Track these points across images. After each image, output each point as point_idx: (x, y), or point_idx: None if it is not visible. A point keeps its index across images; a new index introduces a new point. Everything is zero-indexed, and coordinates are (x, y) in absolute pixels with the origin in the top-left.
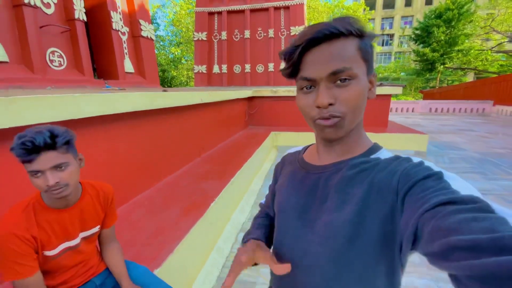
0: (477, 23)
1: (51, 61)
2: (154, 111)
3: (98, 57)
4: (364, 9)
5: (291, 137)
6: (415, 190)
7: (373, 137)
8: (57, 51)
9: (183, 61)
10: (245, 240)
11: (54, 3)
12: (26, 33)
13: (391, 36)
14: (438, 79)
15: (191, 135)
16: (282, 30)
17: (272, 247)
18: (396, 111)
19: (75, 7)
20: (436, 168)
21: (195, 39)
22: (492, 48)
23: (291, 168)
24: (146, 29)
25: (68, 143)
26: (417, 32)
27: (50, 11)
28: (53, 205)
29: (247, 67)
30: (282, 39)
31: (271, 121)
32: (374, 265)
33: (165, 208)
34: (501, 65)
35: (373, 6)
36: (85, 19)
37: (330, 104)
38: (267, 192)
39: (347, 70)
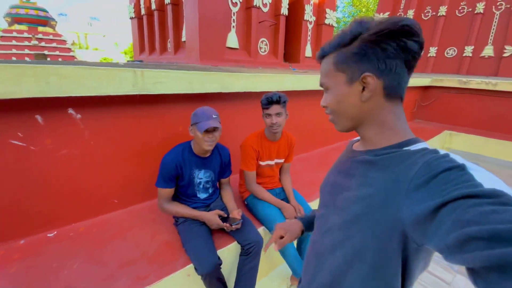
0: None
1: (260, 48)
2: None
3: (287, 44)
4: None
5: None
6: (437, 182)
7: None
8: (264, 40)
9: None
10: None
11: (269, 3)
12: (250, 28)
13: None
14: None
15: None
16: (499, 3)
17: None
18: None
19: (282, 4)
20: (460, 160)
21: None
22: None
23: (343, 152)
24: (330, 17)
25: (284, 102)
26: None
27: (266, 9)
28: (268, 137)
29: (432, 50)
30: (497, 15)
31: (444, 118)
32: (370, 245)
33: None
34: None
35: None
36: (286, 13)
37: (324, 106)
38: None
39: (322, 84)
